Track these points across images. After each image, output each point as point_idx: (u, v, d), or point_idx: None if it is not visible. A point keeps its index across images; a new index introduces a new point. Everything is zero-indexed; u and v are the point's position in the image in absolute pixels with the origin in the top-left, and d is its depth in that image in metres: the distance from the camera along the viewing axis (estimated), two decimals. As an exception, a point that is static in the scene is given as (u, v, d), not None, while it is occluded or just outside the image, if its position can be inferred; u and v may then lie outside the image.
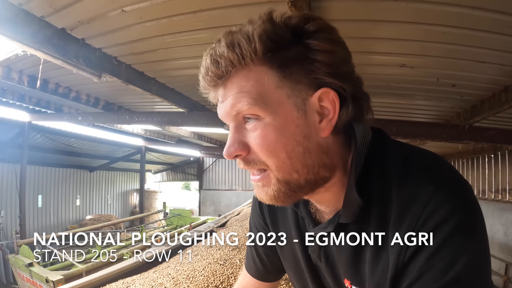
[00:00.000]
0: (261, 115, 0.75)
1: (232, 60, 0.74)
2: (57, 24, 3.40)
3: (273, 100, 0.75)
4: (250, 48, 0.72)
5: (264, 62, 0.74)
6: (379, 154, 0.82)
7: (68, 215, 16.04)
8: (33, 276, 6.33)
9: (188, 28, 3.40)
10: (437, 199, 0.70)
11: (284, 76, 0.75)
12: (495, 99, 4.18)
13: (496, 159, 9.11)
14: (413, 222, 0.72)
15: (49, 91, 5.73)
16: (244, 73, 0.75)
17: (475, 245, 0.70)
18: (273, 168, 0.78)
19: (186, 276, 3.30)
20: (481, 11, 2.59)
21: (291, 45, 0.75)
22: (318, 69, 0.75)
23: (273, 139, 0.75)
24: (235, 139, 0.78)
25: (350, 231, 0.84)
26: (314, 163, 0.79)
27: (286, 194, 0.80)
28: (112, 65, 4.21)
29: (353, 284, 0.86)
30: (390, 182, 0.77)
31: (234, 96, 0.76)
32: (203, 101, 6.45)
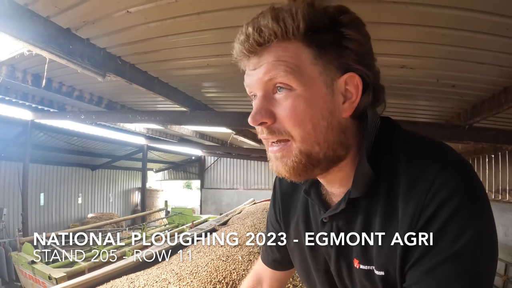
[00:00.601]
0: (293, 86, 0.81)
1: (276, 31, 0.79)
2: (62, 24, 3.44)
3: (307, 73, 0.81)
4: (294, 24, 0.78)
5: (303, 39, 0.80)
6: (389, 136, 0.88)
7: (70, 213, 16.05)
8: (36, 274, 6.35)
9: (192, 29, 3.44)
10: (442, 177, 0.75)
11: (319, 55, 0.81)
12: (495, 100, 4.21)
13: (496, 159, 9.11)
14: (421, 198, 0.76)
15: (53, 89, 5.77)
16: (284, 45, 0.81)
17: (480, 220, 0.74)
18: (298, 138, 0.83)
19: (189, 272, 3.34)
20: (481, 13, 2.63)
21: (328, 29, 0.81)
22: (348, 55, 0.82)
23: (302, 110, 0.81)
24: (263, 106, 0.83)
25: (361, 210, 0.88)
26: (334, 139, 0.85)
27: (305, 167, 0.85)
28: (116, 65, 4.25)
29: (361, 263, 0.90)
30: (399, 161, 0.83)
31: (270, 63, 0.81)
32: (205, 100, 6.51)
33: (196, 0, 2.92)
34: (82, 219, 16.28)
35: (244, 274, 3.37)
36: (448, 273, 0.73)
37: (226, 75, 4.82)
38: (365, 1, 2.70)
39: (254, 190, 19.85)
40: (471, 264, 0.73)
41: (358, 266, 0.90)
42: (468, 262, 0.73)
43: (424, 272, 0.75)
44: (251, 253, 3.75)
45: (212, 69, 4.55)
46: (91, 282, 3.38)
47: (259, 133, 0.87)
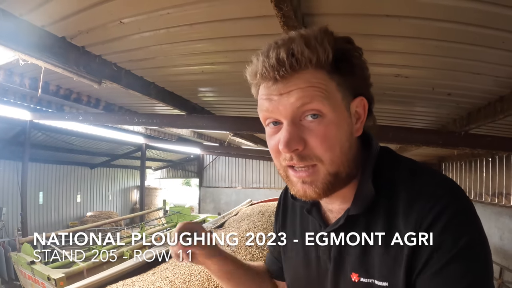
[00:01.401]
0: (325, 111, 0.86)
1: (311, 59, 0.84)
2: (57, 33, 3.44)
3: (334, 100, 0.87)
4: (324, 54, 0.84)
5: (330, 68, 0.86)
6: (387, 158, 0.98)
7: (69, 212, 16.08)
8: (35, 274, 6.37)
9: (185, 39, 3.45)
10: (440, 191, 0.85)
11: (341, 83, 0.88)
12: (491, 108, 4.21)
13: (493, 163, 9.13)
14: (422, 209, 0.84)
15: (50, 93, 5.76)
16: (313, 72, 0.85)
17: (476, 223, 0.84)
18: (328, 161, 0.88)
19: (182, 280, 3.36)
20: (475, 27, 2.64)
21: (347, 59, 0.89)
22: (357, 81, 0.91)
23: (333, 135, 0.87)
24: (295, 134, 0.86)
25: (360, 226, 0.94)
26: (352, 157, 0.92)
27: (332, 186, 0.90)
28: (112, 71, 4.26)
29: (361, 276, 0.94)
30: (398, 180, 0.92)
31: (303, 89, 0.85)
32: (202, 104, 6.51)
33: (188, 12, 2.92)
34: (81, 217, 16.31)
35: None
36: (455, 272, 0.79)
37: (221, 81, 4.83)
38: (359, 15, 2.72)
39: (252, 188, 19.86)
40: (476, 260, 0.80)
41: (357, 279, 0.95)
42: (473, 259, 0.79)
43: (433, 275, 0.81)
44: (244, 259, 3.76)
45: (207, 75, 4.56)
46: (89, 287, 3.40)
47: (286, 159, 0.90)
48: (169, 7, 2.87)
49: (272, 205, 6.82)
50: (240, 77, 3.64)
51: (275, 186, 19.73)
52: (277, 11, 2.23)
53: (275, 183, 19.80)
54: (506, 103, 3.96)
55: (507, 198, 8.57)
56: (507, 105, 3.95)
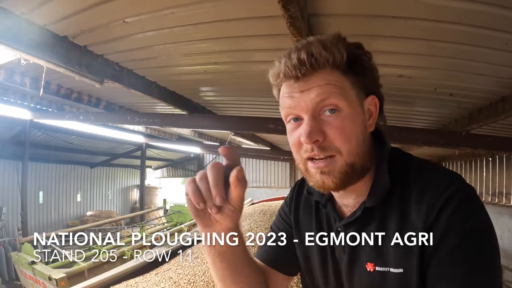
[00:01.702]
0: (341, 106, 0.93)
1: (328, 59, 0.92)
2: (59, 32, 3.42)
3: (349, 96, 0.95)
4: (339, 55, 0.92)
5: (345, 68, 0.94)
6: (400, 156, 1.06)
7: (69, 211, 16.07)
8: (36, 274, 6.36)
9: (189, 39, 3.44)
10: (447, 181, 0.92)
11: (354, 82, 0.96)
12: (492, 108, 4.21)
13: (493, 163, 9.12)
14: (432, 198, 0.91)
15: (51, 92, 5.75)
16: (330, 71, 0.94)
17: (482, 208, 0.91)
18: (345, 152, 0.95)
19: (187, 281, 3.35)
20: (481, 29, 2.65)
21: (359, 61, 0.97)
22: (369, 81, 1.00)
23: (350, 128, 0.94)
24: (315, 127, 0.93)
25: (375, 217, 1.01)
26: (366, 150, 1.00)
27: (349, 176, 0.97)
28: (114, 71, 4.24)
29: (377, 265, 0.99)
30: (410, 173, 0.99)
31: (322, 86, 0.93)
32: (203, 103, 6.50)
33: (192, 12, 2.91)
34: (81, 217, 16.30)
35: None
36: (466, 251, 0.85)
37: (223, 80, 4.82)
38: (365, 16, 2.71)
39: (253, 188, 19.84)
40: (483, 240, 0.86)
41: (372, 269, 1.00)
42: (481, 240, 0.86)
43: (444, 256, 0.87)
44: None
45: (210, 75, 4.54)
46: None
47: (306, 152, 0.96)
48: (174, 6, 2.86)
49: (273, 205, 6.82)
50: (243, 77, 3.64)
51: (275, 185, 19.72)
52: (284, 11, 2.22)
53: (275, 182, 19.79)
54: (508, 104, 3.97)
55: (507, 198, 8.57)
56: (508, 105, 3.96)
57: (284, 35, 2.76)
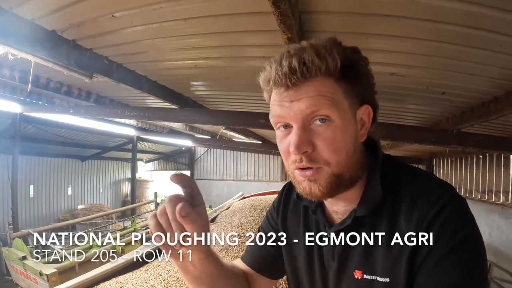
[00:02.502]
0: (332, 117, 0.90)
1: (320, 67, 0.88)
2: (48, 27, 3.36)
3: (341, 106, 0.91)
4: (333, 62, 0.88)
5: (338, 76, 0.90)
6: (392, 165, 1.03)
7: (60, 205, 16.00)
8: (27, 269, 6.34)
9: (178, 34, 3.40)
10: (438, 192, 0.91)
11: (348, 90, 0.92)
12: (484, 108, 4.24)
13: (484, 161, 9.24)
14: (423, 208, 0.90)
15: (41, 86, 5.69)
16: (322, 80, 0.90)
17: (472, 220, 0.90)
18: (334, 163, 0.92)
19: (176, 279, 3.33)
20: (475, 30, 2.64)
21: (353, 68, 0.92)
22: (364, 89, 0.96)
23: (340, 139, 0.91)
24: (305, 137, 0.90)
25: (365, 226, 0.99)
26: (356, 161, 0.97)
27: (337, 186, 0.95)
28: (103, 65, 4.19)
29: (364, 273, 0.98)
30: (401, 183, 0.97)
31: (313, 97, 0.89)
32: (194, 98, 6.47)
33: (182, 7, 2.87)
34: (72, 210, 16.23)
35: (230, 282, 3.36)
36: (452, 263, 0.84)
37: (214, 75, 4.80)
38: (358, 14, 2.70)
39: (244, 181, 19.91)
40: (472, 252, 0.85)
41: (360, 276, 0.98)
42: (470, 251, 0.85)
43: (432, 267, 0.86)
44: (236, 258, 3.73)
45: (200, 70, 4.51)
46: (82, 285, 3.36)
47: (295, 162, 0.94)
48: (163, 1, 2.82)
49: (264, 199, 6.81)
50: (233, 72, 3.61)
51: (266, 179, 19.76)
52: (274, 9, 2.19)
53: (266, 176, 19.83)
54: (500, 104, 4.00)
55: (497, 195, 8.66)
56: (501, 105, 3.99)
57: (275, 31, 2.74)
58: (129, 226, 10.29)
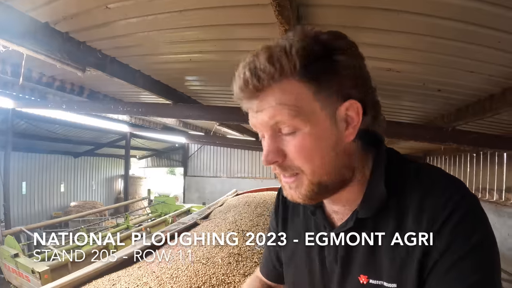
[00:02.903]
0: (298, 126, 0.83)
1: (273, 74, 0.81)
2: (40, 18, 3.31)
3: (309, 111, 0.83)
4: (289, 64, 0.81)
5: (301, 76, 0.82)
6: (396, 160, 0.95)
7: (53, 202, 15.96)
8: (19, 267, 6.29)
9: (173, 26, 3.36)
10: (449, 191, 0.83)
11: (318, 90, 0.83)
12: (480, 105, 4.25)
13: (477, 159, 9.29)
14: (434, 209, 0.83)
15: (33, 80, 5.63)
16: (282, 86, 0.82)
17: (486, 222, 0.83)
18: (308, 172, 0.86)
19: (170, 276, 3.30)
20: (474, 26, 2.62)
21: (324, 60, 0.83)
22: (345, 83, 0.85)
23: (311, 147, 0.84)
24: (273, 147, 0.86)
25: (368, 227, 0.93)
26: (341, 165, 0.89)
27: (317, 194, 0.89)
28: (97, 59, 4.14)
29: (370, 278, 0.92)
30: (408, 182, 0.89)
31: (273, 107, 0.83)
32: (189, 93, 6.43)
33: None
34: (65, 207, 16.20)
35: (224, 278, 3.33)
36: (466, 268, 0.78)
37: (209, 70, 4.76)
38: (356, 7, 2.67)
39: (238, 178, 19.95)
40: (485, 257, 0.80)
41: (366, 281, 0.93)
42: (483, 256, 0.79)
43: (444, 273, 0.80)
44: (230, 255, 3.71)
45: (195, 64, 4.47)
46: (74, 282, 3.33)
47: (272, 169, 0.90)
48: (159, -8, 2.79)
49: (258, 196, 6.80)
50: (228, 67, 3.56)
51: (260, 176, 19.78)
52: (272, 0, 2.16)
53: (260, 173, 19.85)
54: (495, 102, 4.00)
55: (491, 193, 8.71)
56: (496, 103, 3.99)
57: (271, 24, 2.71)
58: (122, 223, 10.26)
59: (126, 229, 9.52)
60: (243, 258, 3.73)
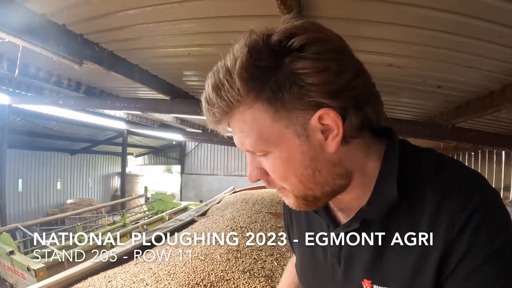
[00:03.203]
0: (266, 149, 0.78)
1: (223, 108, 0.76)
2: (37, 10, 3.27)
3: (272, 135, 0.76)
4: (234, 92, 0.73)
5: (253, 100, 0.74)
6: (410, 153, 0.85)
7: (49, 200, 15.94)
8: (15, 265, 6.27)
9: (173, 18, 3.30)
10: (470, 189, 0.76)
11: (277, 109, 0.74)
12: (480, 102, 4.23)
13: (476, 157, 9.28)
14: (453, 209, 0.75)
15: (30, 75, 5.58)
16: (239, 116, 0.76)
17: (509, 223, 0.76)
18: (289, 189, 0.83)
19: (167, 272, 3.27)
20: (475, 19, 2.58)
21: (276, 72, 0.73)
22: (310, 91, 0.73)
23: (282, 168, 0.79)
24: (254, 167, 0.83)
25: (374, 229, 0.85)
26: (327, 178, 0.81)
27: (306, 205, 0.85)
28: (94, 52, 4.09)
29: (374, 283, 0.86)
30: (422, 178, 0.80)
31: (238, 136, 0.80)
32: (186, 88, 6.38)
33: (177, -10, 2.81)
34: (61, 205, 16.18)
35: (222, 275, 3.30)
36: (490, 273, 0.72)
37: (207, 64, 4.69)
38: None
39: (235, 176, 19.94)
40: (510, 262, 0.73)
41: (369, 286, 0.87)
42: (506, 261, 0.72)
43: (464, 278, 0.74)
44: (229, 251, 3.68)
45: (194, 58, 4.43)
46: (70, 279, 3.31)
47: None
48: (157, -18, 2.74)
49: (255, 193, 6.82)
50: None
51: (257, 174, 19.77)
52: (274, -13, 2.12)
53: (257, 172, 19.84)
54: (495, 99, 3.96)
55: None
56: (496, 100, 3.95)
57: (273, 16, 2.66)
58: (118, 221, 10.24)
59: (122, 227, 9.51)
60: (242, 254, 3.70)
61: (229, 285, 3.24)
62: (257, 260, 3.60)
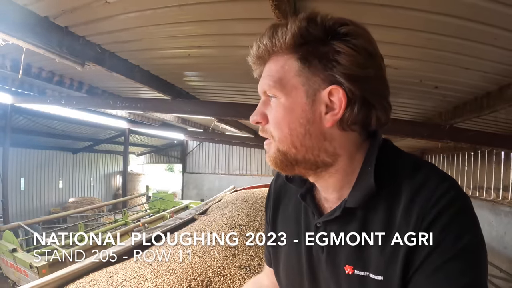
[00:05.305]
0: (278, 95, 0.91)
1: (268, 48, 0.92)
2: (40, 12, 3.33)
3: (288, 84, 0.90)
4: (282, 40, 0.88)
5: (291, 52, 0.90)
6: (392, 153, 0.95)
7: (51, 198, 15.92)
8: (17, 262, 6.31)
9: (172, 21, 3.37)
10: (442, 188, 0.83)
11: (303, 67, 0.89)
12: (477, 103, 4.27)
13: (475, 157, 9.28)
14: (424, 204, 0.83)
15: (32, 75, 5.64)
16: (276, 58, 0.92)
17: (476, 223, 0.83)
18: (277, 139, 0.93)
19: (166, 268, 3.32)
20: (470, 22, 2.63)
21: (319, 42, 0.88)
22: (335, 67, 0.87)
23: (281, 116, 0.91)
24: (259, 110, 0.96)
25: (356, 217, 0.93)
26: (314, 145, 0.92)
27: (283, 163, 0.95)
28: (96, 53, 4.15)
29: (355, 268, 0.92)
30: (400, 176, 0.89)
31: (264, 76, 0.94)
32: (187, 88, 6.44)
33: (177, -7, 2.86)
34: (63, 203, 16.17)
35: (220, 271, 3.35)
36: (455, 270, 0.78)
37: (207, 65, 4.77)
38: (353, 3, 2.68)
39: (236, 175, 19.91)
40: (475, 259, 0.79)
41: (351, 271, 0.93)
42: (472, 258, 0.79)
43: (432, 272, 0.80)
44: (227, 248, 3.72)
45: (194, 59, 4.48)
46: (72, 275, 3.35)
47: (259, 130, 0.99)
48: (158, -13, 2.80)
49: (255, 192, 6.82)
50: (227, 62, 3.57)
51: (258, 173, 19.77)
52: (268, -7, 2.17)
53: (258, 170, 19.84)
54: (492, 99, 4.01)
55: (488, 192, 8.72)
56: (493, 101, 4.00)
57: (270, 19, 2.71)
58: (120, 219, 10.27)
59: (124, 225, 9.52)
60: (239, 251, 3.75)
61: (225, 280, 3.30)
62: (254, 257, 3.65)
